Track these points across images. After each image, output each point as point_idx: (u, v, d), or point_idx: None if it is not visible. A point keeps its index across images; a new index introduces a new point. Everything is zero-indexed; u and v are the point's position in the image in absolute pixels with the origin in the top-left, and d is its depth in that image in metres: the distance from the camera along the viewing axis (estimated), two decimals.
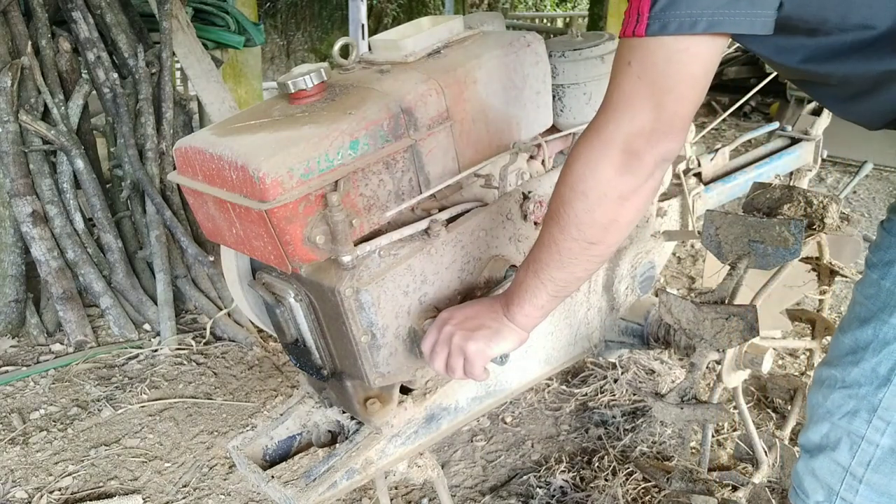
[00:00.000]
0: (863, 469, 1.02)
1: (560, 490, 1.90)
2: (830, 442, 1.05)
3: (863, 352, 0.99)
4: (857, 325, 1.02)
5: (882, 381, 0.97)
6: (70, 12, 3.08)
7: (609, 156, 0.90)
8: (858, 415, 1.01)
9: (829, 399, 1.05)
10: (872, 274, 0.98)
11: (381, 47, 1.34)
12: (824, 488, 1.07)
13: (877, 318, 0.97)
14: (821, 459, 1.07)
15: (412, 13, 9.95)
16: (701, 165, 2.00)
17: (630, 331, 1.79)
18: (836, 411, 1.04)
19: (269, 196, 1.05)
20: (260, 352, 2.73)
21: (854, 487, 1.03)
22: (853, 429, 1.01)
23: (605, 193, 0.92)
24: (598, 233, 0.96)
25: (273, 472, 1.37)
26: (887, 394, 0.97)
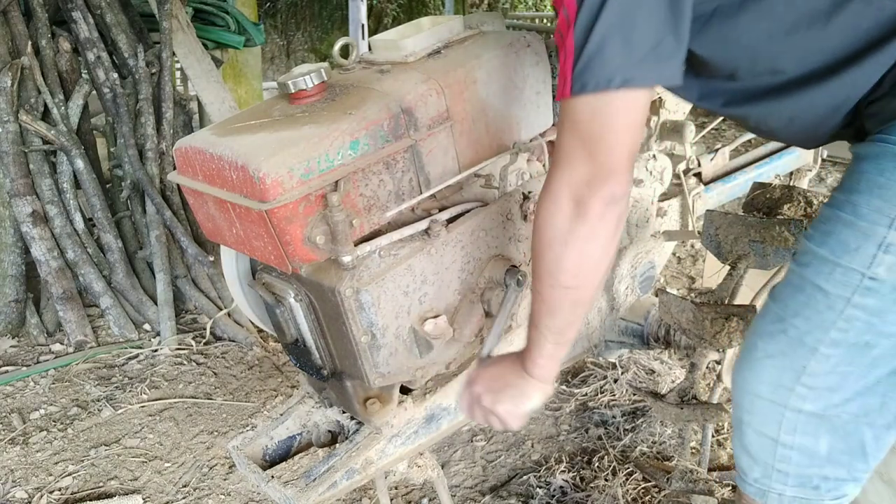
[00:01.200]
0: (791, 437, 1.02)
1: (560, 490, 1.90)
2: (754, 415, 1.05)
3: (792, 319, 0.99)
4: (788, 293, 1.01)
5: (809, 350, 0.97)
6: (70, 12, 3.09)
7: (560, 206, 0.97)
8: (781, 385, 1.01)
9: (750, 370, 1.05)
10: (809, 244, 0.99)
11: (381, 47, 1.34)
12: (759, 464, 1.07)
13: (810, 284, 0.97)
14: (749, 435, 1.07)
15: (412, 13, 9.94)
16: (701, 165, 2.00)
17: (630, 331, 1.79)
18: (757, 382, 1.04)
19: (269, 196, 1.05)
20: (260, 352, 2.73)
21: (787, 457, 1.04)
22: (777, 398, 1.01)
23: (565, 241, 0.98)
24: (570, 278, 1.01)
25: (273, 472, 1.37)
26: (812, 361, 0.97)
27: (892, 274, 0.90)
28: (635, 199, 1.71)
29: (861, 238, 0.92)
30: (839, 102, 0.99)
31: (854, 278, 0.92)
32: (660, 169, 1.73)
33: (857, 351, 0.95)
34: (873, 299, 0.92)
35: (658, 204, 1.80)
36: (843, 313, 0.94)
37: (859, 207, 0.92)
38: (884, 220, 0.90)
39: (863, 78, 0.95)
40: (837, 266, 0.94)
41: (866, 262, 0.91)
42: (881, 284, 0.91)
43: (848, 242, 0.93)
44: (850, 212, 0.93)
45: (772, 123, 1.10)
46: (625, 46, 0.87)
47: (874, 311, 0.93)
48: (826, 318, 0.95)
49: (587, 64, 0.89)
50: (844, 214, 0.94)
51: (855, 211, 0.93)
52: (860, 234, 0.92)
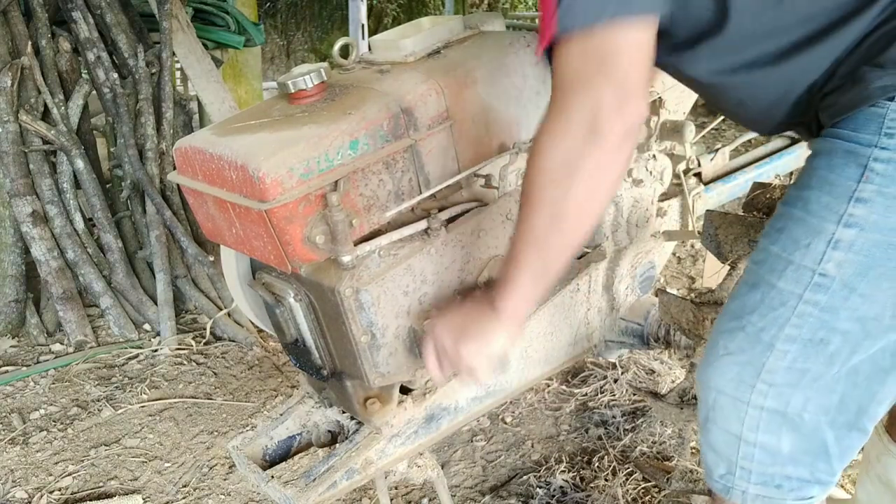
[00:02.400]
0: (754, 434, 1.02)
1: (560, 490, 1.90)
2: (718, 412, 1.05)
3: (749, 316, 0.99)
4: (744, 291, 1.01)
5: (766, 347, 0.97)
6: (70, 12, 3.08)
7: (570, 132, 0.91)
8: (743, 381, 1.00)
9: (712, 367, 1.04)
10: (763, 240, 0.99)
11: (381, 47, 1.34)
12: (724, 461, 1.07)
13: (764, 282, 0.97)
14: (714, 432, 1.07)
15: (412, 13, 9.94)
16: (701, 165, 2.00)
17: (630, 331, 1.79)
18: (719, 379, 1.03)
19: (268, 196, 1.05)
20: (260, 352, 2.73)
21: (750, 454, 1.03)
22: (739, 395, 1.01)
23: (575, 170, 0.92)
24: (573, 212, 0.96)
25: (273, 472, 1.37)
26: (771, 358, 0.97)
27: (842, 270, 0.90)
28: (635, 199, 1.71)
29: (811, 234, 0.92)
30: (787, 89, 0.98)
31: (805, 275, 0.93)
32: (660, 169, 1.73)
33: (813, 347, 0.95)
34: (824, 295, 0.92)
35: (658, 204, 1.80)
36: (795, 310, 0.94)
37: (809, 204, 0.92)
38: (832, 217, 0.90)
39: (812, 64, 0.94)
40: (790, 263, 0.94)
41: (816, 259, 0.91)
42: (831, 281, 0.91)
43: (798, 239, 0.93)
44: (800, 208, 0.94)
45: (722, 104, 1.09)
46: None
47: (826, 307, 0.93)
48: (780, 314, 0.96)
49: (569, 2, 0.87)
50: (796, 211, 0.94)
51: (805, 207, 0.93)
52: (810, 230, 0.92)
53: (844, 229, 0.89)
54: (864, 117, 0.89)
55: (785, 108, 1.01)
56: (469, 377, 1.12)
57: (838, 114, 0.92)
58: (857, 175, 0.88)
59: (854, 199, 0.88)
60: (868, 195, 0.88)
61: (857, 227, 0.89)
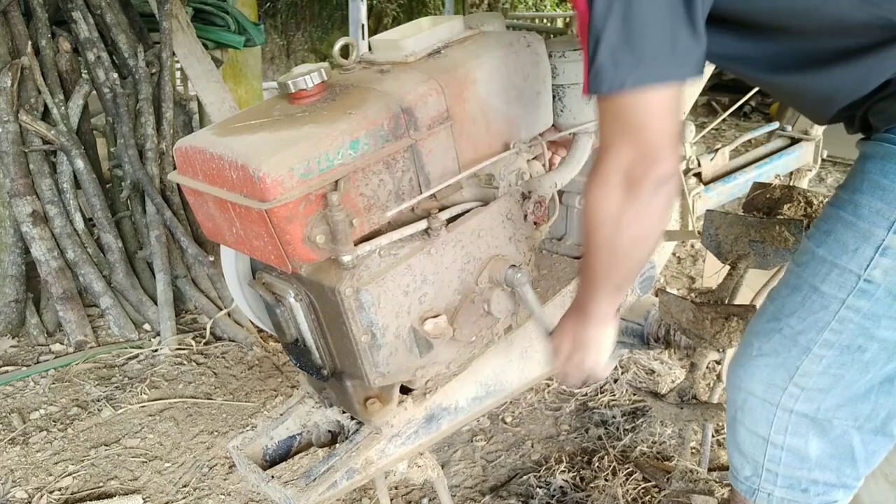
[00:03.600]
0: (781, 437, 1.02)
1: (560, 490, 1.90)
2: (747, 413, 1.05)
3: (787, 318, 0.99)
4: (785, 292, 1.01)
5: (802, 350, 0.97)
6: (70, 12, 3.09)
7: (610, 191, 0.96)
8: (774, 384, 1.00)
9: (744, 367, 1.04)
10: (809, 242, 0.99)
11: (382, 47, 1.34)
12: (750, 462, 1.07)
13: (807, 284, 0.97)
14: (742, 433, 1.07)
15: (412, 13, 9.95)
16: (701, 165, 2.00)
17: (630, 331, 1.79)
18: (750, 380, 1.03)
19: (269, 196, 1.05)
20: (260, 352, 2.73)
21: (777, 457, 1.04)
22: (769, 397, 1.01)
23: (618, 224, 0.98)
24: (624, 253, 1.01)
25: (273, 472, 1.37)
26: (805, 361, 0.97)
27: (888, 277, 0.90)
28: None
29: (860, 239, 0.91)
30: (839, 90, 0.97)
31: (850, 280, 0.92)
32: None
33: (850, 354, 0.95)
34: (867, 302, 0.92)
35: None
36: (836, 314, 0.94)
37: (860, 208, 0.92)
38: (883, 223, 0.89)
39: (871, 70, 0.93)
40: (835, 267, 0.93)
41: (863, 265, 0.91)
42: (876, 288, 0.91)
43: (847, 243, 0.92)
44: (850, 212, 0.93)
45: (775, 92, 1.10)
46: (630, 48, 0.87)
47: (867, 314, 0.92)
48: (820, 318, 0.95)
49: (597, 68, 0.89)
50: (845, 214, 0.93)
51: (856, 212, 0.92)
52: (859, 235, 0.91)
53: (895, 236, 0.88)
54: None
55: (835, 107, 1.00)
56: (595, 381, 1.25)
57: (892, 119, 0.91)
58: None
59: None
60: None
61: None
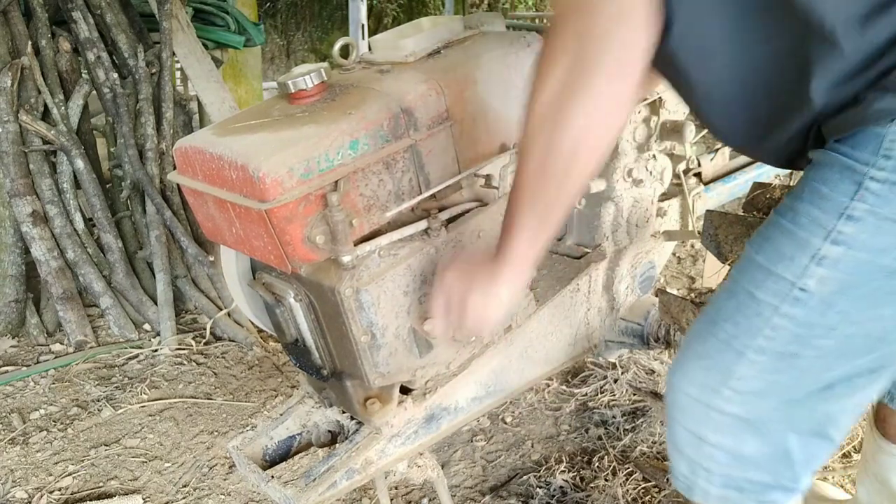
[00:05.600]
0: (716, 436, 1.01)
1: (560, 490, 1.90)
2: (682, 412, 1.04)
3: (723, 323, 0.98)
4: (723, 297, 1.00)
5: (736, 354, 0.96)
6: (70, 12, 3.09)
7: (558, 66, 0.87)
8: (708, 385, 1.00)
9: (682, 369, 1.04)
10: (749, 248, 0.97)
11: (382, 47, 1.34)
12: (686, 460, 1.07)
13: (743, 290, 0.96)
14: (679, 431, 1.06)
15: (412, 13, 9.94)
16: (701, 165, 2.00)
17: (630, 331, 1.79)
18: (687, 381, 1.03)
19: (268, 196, 1.05)
20: (260, 352, 2.73)
21: (712, 455, 1.03)
22: (703, 398, 1.00)
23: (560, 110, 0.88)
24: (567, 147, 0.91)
25: (273, 472, 1.37)
26: (739, 366, 0.96)
27: (823, 286, 0.88)
28: (635, 199, 1.71)
29: (796, 247, 0.90)
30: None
31: (784, 287, 0.91)
32: (660, 169, 1.74)
33: (784, 360, 0.94)
34: (801, 310, 0.90)
35: (658, 204, 1.80)
36: (770, 321, 0.93)
37: (799, 216, 0.90)
38: (820, 232, 0.87)
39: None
40: (770, 274, 0.92)
41: (798, 273, 0.89)
42: (810, 296, 0.89)
43: (783, 251, 0.91)
44: (790, 219, 0.92)
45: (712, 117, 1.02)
46: None
47: (802, 322, 0.91)
48: (754, 324, 0.94)
49: None
50: (785, 222, 0.92)
51: (794, 219, 0.91)
52: (796, 243, 0.90)
53: (831, 246, 0.87)
54: (864, 136, 0.86)
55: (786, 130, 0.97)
56: (474, 330, 1.10)
57: (839, 131, 0.90)
58: (851, 192, 0.85)
59: (845, 216, 0.86)
60: (860, 214, 0.85)
61: (845, 244, 0.86)
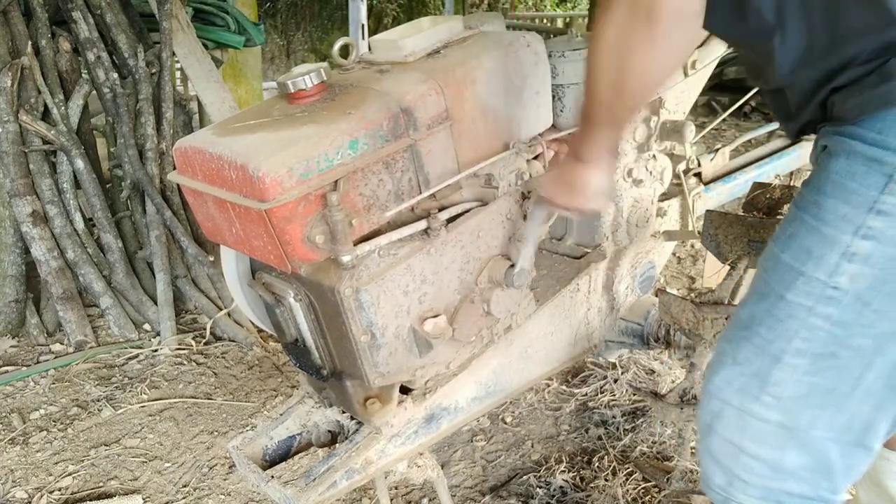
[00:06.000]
0: (756, 446, 0.99)
1: (560, 490, 1.90)
2: (721, 421, 1.02)
3: (757, 327, 0.96)
4: (754, 300, 0.99)
5: (773, 359, 0.95)
6: (70, 12, 3.09)
7: (625, 15, 0.92)
8: (748, 392, 0.98)
9: (719, 375, 1.02)
10: (774, 246, 0.96)
11: (381, 47, 1.34)
12: (723, 471, 1.04)
13: (774, 292, 0.94)
14: (715, 441, 1.04)
15: (412, 13, 9.95)
16: (701, 165, 2.00)
17: (630, 331, 1.79)
18: (725, 388, 1.01)
19: (268, 196, 1.05)
20: (260, 352, 2.73)
21: (751, 467, 1.01)
22: (743, 406, 0.99)
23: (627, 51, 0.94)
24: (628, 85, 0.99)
25: (273, 472, 1.37)
26: (778, 371, 0.95)
27: (855, 284, 0.87)
28: (635, 199, 1.71)
29: (824, 245, 0.88)
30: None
31: (816, 287, 0.89)
32: (660, 169, 1.73)
33: (823, 361, 0.92)
34: (836, 309, 0.89)
35: (658, 204, 1.80)
36: (805, 322, 0.91)
37: (824, 212, 0.88)
38: (849, 228, 0.85)
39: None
40: (800, 274, 0.90)
41: (829, 271, 0.88)
42: (843, 294, 0.88)
43: (811, 249, 0.89)
44: (814, 215, 0.90)
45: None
46: None
47: (837, 321, 0.89)
48: (789, 327, 0.92)
49: None
50: (808, 218, 0.90)
51: (819, 215, 0.89)
52: (824, 240, 0.88)
53: (861, 241, 0.85)
54: (894, 119, 0.83)
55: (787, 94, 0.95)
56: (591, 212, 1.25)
57: (861, 111, 0.86)
58: (881, 185, 0.83)
59: (874, 211, 0.84)
60: (890, 207, 0.83)
61: (875, 239, 0.84)
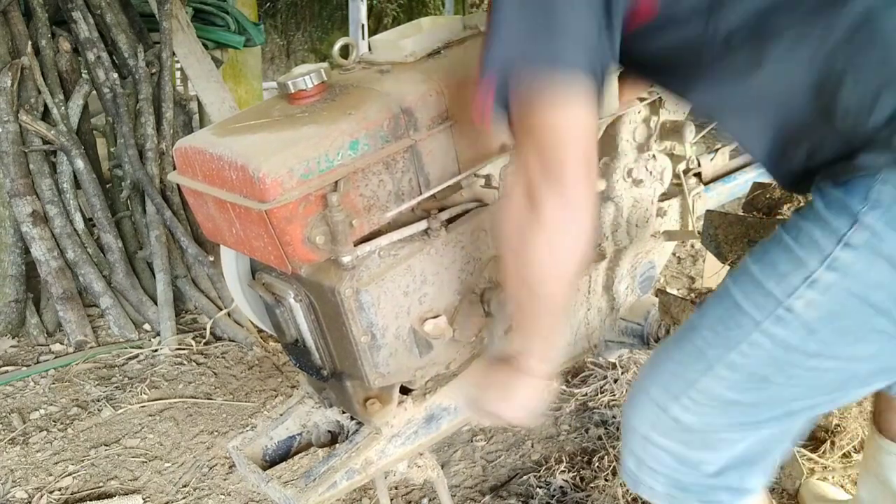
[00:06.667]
0: (664, 440, 1.02)
1: (560, 490, 1.90)
2: (637, 410, 1.05)
3: (702, 329, 0.97)
4: (712, 301, 0.98)
5: (706, 366, 0.95)
6: (70, 12, 3.09)
7: (516, 202, 0.93)
8: (670, 389, 1.00)
9: (650, 367, 1.05)
10: (748, 258, 0.95)
11: (382, 47, 1.34)
12: (634, 457, 1.07)
13: (730, 297, 0.94)
14: (629, 429, 1.07)
15: (412, 13, 9.94)
16: (701, 165, 2.00)
17: (630, 331, 1.78)
18: (650, 380, 1.03)
19: (268, 196, 1.05)
20: (260, 352, 2.73)
21: (658, 457, 1.04)
22: (660, 402, 1.00)
23: (524, 239, 0.93)
24: (535, 279, 0.97)
25: (273, 473, 1.37)
26: (705, 378, 0.95)
27: (809, 311, 0.86)
28: (635, 199, 1.71)
29: (791, 265, 0.88)
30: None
31: (770, 304, 0.89)
32: (660, 169, 1.73)
33: (753, 382, 0.93)
34: (783, 330, 0.88)
35: (658, 204, 1.80)
36: (749, 336, 0.91)
37: (801, 234, 0.88)
38: (818, 255, 0.85)
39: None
40: (760, 287, 0.90)
41: (787, 292, 0.87)
42: (795, 318, 0.87)
43: (777, 265, 0.89)
44: (793, 236, 0.90)
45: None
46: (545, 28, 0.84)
47: (780, 342, 0.89)
48: (732, 336, 0.92)
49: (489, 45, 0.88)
50: (787, 237, 0.90)
51: (797, 237, 0.89)
52: (793, 260, 0.88)
53: (826, 271, 0.85)
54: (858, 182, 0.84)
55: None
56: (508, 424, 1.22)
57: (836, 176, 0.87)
58: (850, 222, 0.83)
59: (843, 244, 0.84)
60: (858, 243, 0.83)
61: (840, 271, 0.84)
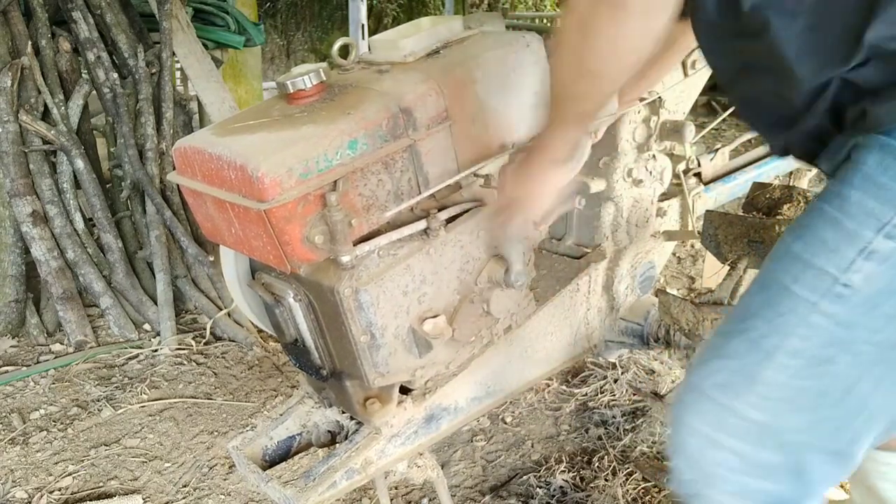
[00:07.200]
0: (731, 441, 0.92)
1: (560, 490, 1.90)
2: (697, 414, 0.95)
3: (752, 319, 0.89)
4: (754, 290, 0.92)
5: (765, 356, 0.87)
6: (70, 12, 3.09)
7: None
8: (731, 387, 0.91)
9: (702, 368, 0.95)
10: (786, 236, 0.89)
11: (381, 47, 1.34)
12: (694, 465, 0.98)
13: (777, 282, 0.87)
14: (687, 433, 0.97)
15: (412, 13, 9.93)
16: (701, 165, 2.00)
17: (630, 331, 1.79)
18: (706, 381, 0.94)
19: (267, 196, 1.05)
20: (260, 352, 2.73)
21: (721, 460, 0.94)
22: (724, 401, 0.91)
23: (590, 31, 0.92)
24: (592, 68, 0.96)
25: (273, 473, 1.37)
26: (767, 369, 0.87)
27: (869, 284, 0.80)
28: (635, 199, 1.71)
29: (843, 238, 0.81)
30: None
31: (825, 282, 0.82)
32: (660, 169, 1.73)
33: (818, 367, 0.86)
34: (842, 308, 0.82)
35: (658, 204, 1.80)
36: (806, 319, 0.84)
37: (849, 204, 0.81)
38: (873, 223, 0.79)
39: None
40: (810, 266, 0.84)
41: (843, 266, 0.81)
42: (854, 293, 0.81)
43: (827, 241, 0.83)
44: (836, 207, 0.83)
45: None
46: None
47: (842, 321, 0.83)
48: (788, 321, 0.85)
49: None
50: (830, 209, 0.83)
51: (843, 207, 0.82)
52: (843, 233, 0.81)
53: (884, 240, 0.78)
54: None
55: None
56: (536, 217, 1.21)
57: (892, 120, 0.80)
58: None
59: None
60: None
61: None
